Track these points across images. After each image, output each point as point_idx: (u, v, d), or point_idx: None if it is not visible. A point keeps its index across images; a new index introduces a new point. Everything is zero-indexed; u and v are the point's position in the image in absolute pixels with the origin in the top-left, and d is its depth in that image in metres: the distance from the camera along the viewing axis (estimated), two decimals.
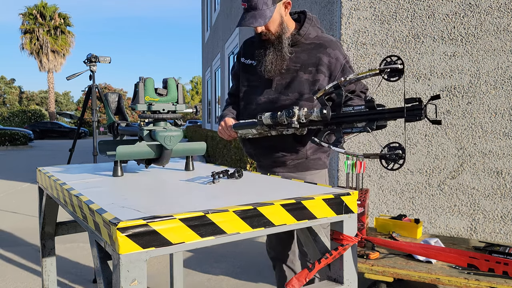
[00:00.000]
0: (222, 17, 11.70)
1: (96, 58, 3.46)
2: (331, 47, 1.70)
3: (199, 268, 2.94)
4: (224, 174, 1.36)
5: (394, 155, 1.16)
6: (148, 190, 1.17)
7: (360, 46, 3.09)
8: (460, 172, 2.97)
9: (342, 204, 1.11)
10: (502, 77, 2.88)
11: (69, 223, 1.93)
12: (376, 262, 2.19)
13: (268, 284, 2.64)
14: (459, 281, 1.99)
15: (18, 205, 5.21)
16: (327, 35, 1.77)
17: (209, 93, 16.29)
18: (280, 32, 1.68)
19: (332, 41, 1.72)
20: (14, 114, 30.75)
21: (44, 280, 1.83)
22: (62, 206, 1.29)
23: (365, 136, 3.12)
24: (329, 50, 1.69)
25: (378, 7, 3.06)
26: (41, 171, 1.64)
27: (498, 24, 2.88)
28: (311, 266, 1.09)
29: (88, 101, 3.58)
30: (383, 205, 3.12)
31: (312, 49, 1.71)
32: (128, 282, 0.80)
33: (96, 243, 1.02)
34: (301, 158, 1.74)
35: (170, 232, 0.84)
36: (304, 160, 1.75)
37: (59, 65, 31.98)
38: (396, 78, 1.28)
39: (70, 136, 26.53)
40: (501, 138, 2.89)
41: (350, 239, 1.11)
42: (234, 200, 1.01)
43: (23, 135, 17.59)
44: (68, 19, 32.07)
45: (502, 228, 2.92)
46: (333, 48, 1.70)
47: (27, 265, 3.02)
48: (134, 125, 1.72)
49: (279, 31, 1.68)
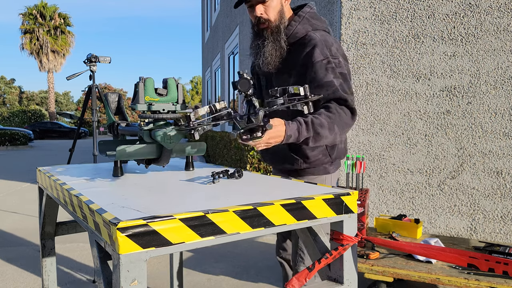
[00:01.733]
0: (222, 17, 11.70)
1: (96, 58, 3.46)
2: (310, 46, 1.55)
3: (199, 268, 2.94)
4: (224, 174, 1.36)
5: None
6: (148, 190, 1.17)
7: (360, 46, 3.09)
8: (460, 172, 2.97)
9: (342, 204, 1.11)
10: (502, 77, 2.88)
11: (69, 223, 1.93)
12: (376, 262, 2.19)
13: (268, 284, 2.64)
14: (459, 281, 1.99)
15: (18, 205, 5.21)
16: (317, 33, 1.58)
17: (209, 93, 16.29)
18: (279, 21, 1.57)
19: (314, 40, 1.55)
20: (14, 114, 30.75)
21: (44, 280, 1.83)
22: (62, 206, 1.29)
23: (365, 136, 3.12)
24: (307, 49, 1.56)
25: (378, 7, 3.06)
26: (41, 171, 1.64)
27: (498, 24, 2.88)
28: (311, 266, 1.09)
29: (88, 101, 3.59)
30: (383, 205, 3.12)
31: (295, 50, 1.60)
32: (128, 282, 0.80)
33: (96, 243, 1.02)
34: (297, 168, 1.68)
35: (170, 232, 0.84)
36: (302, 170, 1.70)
37: (59, 65, 31.98)
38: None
39: (70, 136, 26.54)
40: (501, 138, 2.89)
41: (350, 239, 1.11)
42: (234, 200, 1.01)
43: (23, 135, 17.59)
44: (68, 19, 32.07)
45: (502, 228, 2.92)
46: (312, 47, 1.54)
47: (27, 265, 3.02)
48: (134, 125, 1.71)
49: (278, 20, 1.57)
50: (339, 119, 1.48)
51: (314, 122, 1.43)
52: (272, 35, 1.58)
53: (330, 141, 1.50)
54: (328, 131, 1.45)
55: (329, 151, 1.66)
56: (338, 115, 1.48)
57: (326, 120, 1.45)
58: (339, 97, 1.50)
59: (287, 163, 1.68)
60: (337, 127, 1.48)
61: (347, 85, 1.53)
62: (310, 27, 1.60)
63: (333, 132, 1.47)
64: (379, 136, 3.10)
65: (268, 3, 1.55)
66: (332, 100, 1.50)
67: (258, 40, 1.62)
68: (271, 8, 1.56)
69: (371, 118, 3.10)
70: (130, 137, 1.76)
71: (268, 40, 1.58)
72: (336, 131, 1.48)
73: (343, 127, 1.50)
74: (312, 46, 1.54)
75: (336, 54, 1.55)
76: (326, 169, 1.70)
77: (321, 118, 1.45)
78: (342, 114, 1.49)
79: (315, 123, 1.43)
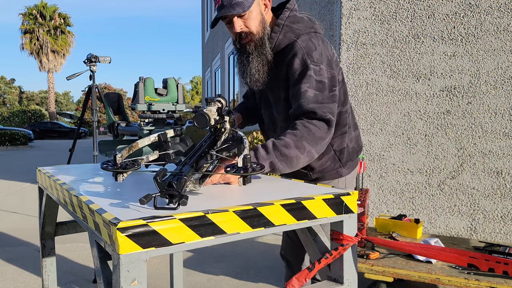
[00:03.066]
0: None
1: (96, 58, 3.46)
2: (291, 55, 1.44)
3: (199, 268, 2.95)
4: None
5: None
6: (148, 190, 1.17)
7: (360, 46, 3.09)
8: (460, 172, 2.97)
9: (342, 204, 1.11)
10: (502, 77, 2.88)
11: (69, 223, 1.93)
12: (376, 262, 2.19)
13: (268, 284, 2.64)
14: (459, 281, 1.99)
15: (18, 205, 5.21)
16: (300, 39, 1.45)
17: (209, 93, 16.29)
18: (262, 32, 1.43)
19: (294, 48, 1.43)
20: (14, 114, 30.75)
21: (44, 280, 1.83)
22: (62, 206, 1.29)
23: (365, 136, 3.12)
24: (288, 59, 1.44)
25: (378, 7, 3.06)
26: (41, 171, 1.64)
27: (498, 24, 2.88)
28: (311, 266, 1.09)
29: (88, 101, 3.59)
30: (383, 205, 3.12)
31: (281, 62, 1.48)
32: (128, 282, 0.80)
33: (96, 243, 1.02)
34: (310, 179, 1.62)
35: (170, 232, 0.84)
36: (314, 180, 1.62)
37: (59, 65, 32.00)
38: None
39: (70, 136, 26.55)
40: (501, 138, 2.89)
41: (350, 239, 1.11)
42: (234, 200, 1.01)
43: (23, 135, 17.59)
44: (68, 19, 32.08)
45: (502, 228, 2.92)
46: (292, 56, 1.43)
47: (27, 265, 3.02)
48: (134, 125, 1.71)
49: (261, 31, 1.43)
50: (308, 135, 1.33)
51: (276, 144, 1.29)
52: (256, 49, 1.45)
53: (305, 160, 1.35)
54: (296, 150, 1.31)
55: (338, 156, 1.57)
56: (307, 131, 1.34)
57: (292, 138, 1.31)
58: (307, 111, 1.36)
59: (298, 178, 1.60)
60: (308, 144, 1.33)
61: (322, 96, 1.39)
62: (293, 34, 1.46)
63: (304, 150, 1.32)
64: (379, 136, 3.10)
65: (246, 15, 1.40)
66: (301, 115, 1.38)
67: (242, 57, 1.49)
68: (251, 20, 1.41)
69: (371, 118, 3.10)
70: (130, 137, 1.76)
71: (253, 55, 1.45)
72: (307, 149, 1.33)
73: (316, 142, 1.35)
74: (292, 55, 1.43)
75: (318, 60, 1.41)
76: (338, 173, 1.61)
77: (285, 138, 1.31)
78: (312, 128, 1.35)
79: (277, 145, 1.29)
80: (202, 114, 1.18)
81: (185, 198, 0.87)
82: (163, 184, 0.91)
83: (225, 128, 1.27)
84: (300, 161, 1.34)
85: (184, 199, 0.87)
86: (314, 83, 1.39)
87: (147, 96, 1.46)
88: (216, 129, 1.27)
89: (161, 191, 0.90)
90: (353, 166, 1.66)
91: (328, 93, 1.41)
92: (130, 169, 0.97)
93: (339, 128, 1.55)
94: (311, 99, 1.37)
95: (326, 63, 1.43)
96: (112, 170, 0.96)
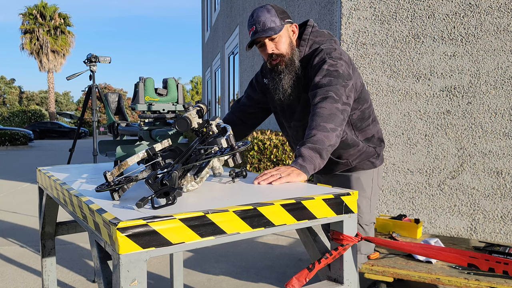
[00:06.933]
0: (222, 17, 11.70)
1: (96, 58, 3.46)
2: (314, 56, 1.62)
3: (199, 268, 2.94)
4: (239, 174, 1.35)
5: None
6: (148, 190, 1.17)
7: (360, 46, 3.09)
8: (460, 172, 2.97)
9: (342, 204, 1.11)
10: (502, 77, 2.88)
11: (69, 223, 1.93)
12: (376, 262, 2.19)
13: (268, 284, 2.64)
14: (459, 281, 1.99)
15: (18, 205, 5.21)
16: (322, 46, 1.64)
17: (209, 93, 16.29)
18: (291, 54, 1.61)
19: (318, 51, 1.62)
20: (14, 114, 30.75)
21: (44, 280, 1.83)
22: (62, 206, 1.30)
23: None
24: (312, 61, 1.62)
25: (378, 7, 3.06)
26: (41, 171, 1.64)
27: (498, 24, 2.88)
28: (311, 266, 1.09)
29: (88, 101, 3.59)
30: (383, 205, 3.12)
31: (306, 68, 1.66)
32: (128, 282, 0.80)
33: (96, 243, 1.02)
34: (346, 167, 1.80)
35: (170, 232, 0.84)
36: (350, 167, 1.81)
37: (59, 65, 31.98)
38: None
39: (70, 136, 26.54)
40: (501, 138, 2.89)
41: (350, 239, 1.11)
42: (234, 200, 1.01)
43: (23, 135, 17.59)
44: (68, 19, 32.07)
45: (502, 228, 2.92)
46: (315, 57, 1.61)
47: (27, 265, 3.02)
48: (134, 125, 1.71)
49: (291, 53, 1.61)
50: (324, 112, 1.43)
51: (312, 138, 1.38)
52: (287, 68, 1.63)
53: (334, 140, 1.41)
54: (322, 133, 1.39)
55: (369, 143, 1.78)
56: (321, 109, 1.44)
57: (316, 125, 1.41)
58: (322, 95, 1.48)
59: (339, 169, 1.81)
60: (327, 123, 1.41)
61: (336, 81, 1.50)
62: (317, 44, 1.65)
63: (327, 130, 1.40)
64: None
65: (277, 38, 1.59)
66: (318, 102, 1.48)
67: (274, 75, 1.67)
68: (281, 43, 1.60)
69: None
70: (130, 137, 1.76)
71: (284, 73, 1.63)
72: (328, 127, 1.41)
73: (332, 119, 1.43)
74: (314, 56, 1.61)
75: (336, 57, 1.56)
76: (373, 164, 1.82)
77: (310, 131, 1.41)
78: (325, 105, 1.45)
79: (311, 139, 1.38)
80: (183, 118, 1.23)
81: (179, 189, 0.91)
82: (156, 184, 0.94)
83: (212, 131, 1.29)
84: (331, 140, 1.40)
85: (178, 190, 0.91)
86: (328, 73, 1.53)
87: (147, 96, 1.46)
88: (203, 132, 1.31)
89: (156, 191, 0.93)
90: (382, 160, 1.88)
91: (341, 81, 1.52)
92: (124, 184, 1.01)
93: (364, 121, 1.75)
94: (323, 85, 1.51)
95: (344, 60, 1.58)
96: (108, 189, 0.99)
